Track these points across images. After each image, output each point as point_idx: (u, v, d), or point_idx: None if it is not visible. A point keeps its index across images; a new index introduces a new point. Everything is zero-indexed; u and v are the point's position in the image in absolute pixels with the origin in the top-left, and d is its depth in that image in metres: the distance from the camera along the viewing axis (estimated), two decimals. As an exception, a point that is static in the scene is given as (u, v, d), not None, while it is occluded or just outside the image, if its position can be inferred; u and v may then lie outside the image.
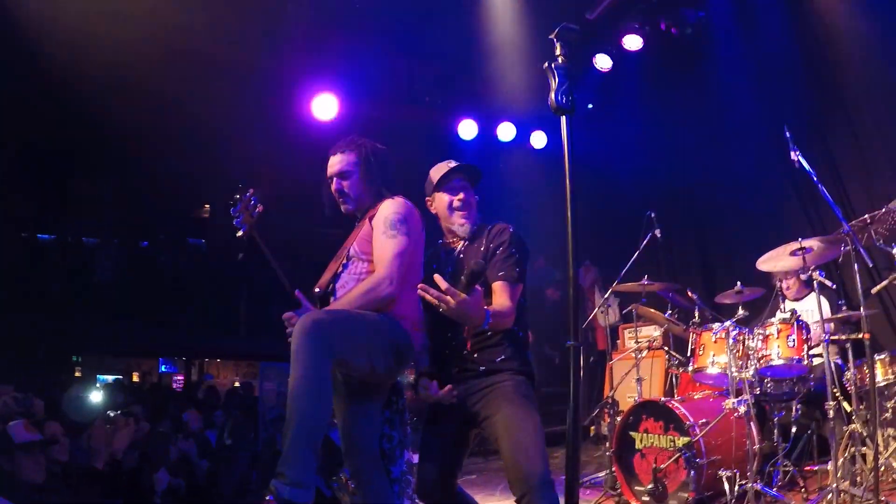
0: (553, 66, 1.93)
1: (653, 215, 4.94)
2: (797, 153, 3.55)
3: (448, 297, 2.12)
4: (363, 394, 2.59)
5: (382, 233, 2.49)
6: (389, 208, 2.55)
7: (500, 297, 2.41)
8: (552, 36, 2.02)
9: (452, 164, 2.68)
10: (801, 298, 4.69)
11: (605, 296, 4.99)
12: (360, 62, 6.54)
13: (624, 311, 5.39)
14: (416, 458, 2.80)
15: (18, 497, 2.95)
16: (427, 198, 2.74)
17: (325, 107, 6.55)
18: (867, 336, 3.41)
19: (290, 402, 2.11)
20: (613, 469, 4.15)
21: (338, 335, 2.21)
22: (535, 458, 2.22)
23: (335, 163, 2.68)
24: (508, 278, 2.43)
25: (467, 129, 7.33)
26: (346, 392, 2.57)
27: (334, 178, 2.68)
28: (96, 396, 4.34)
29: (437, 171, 2.68)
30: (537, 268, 7.39)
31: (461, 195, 2.63)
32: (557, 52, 1.98)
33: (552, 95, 1.90)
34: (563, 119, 1.88)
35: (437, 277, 2.18)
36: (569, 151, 1.83)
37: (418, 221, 2.59)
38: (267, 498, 2.00)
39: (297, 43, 6.51)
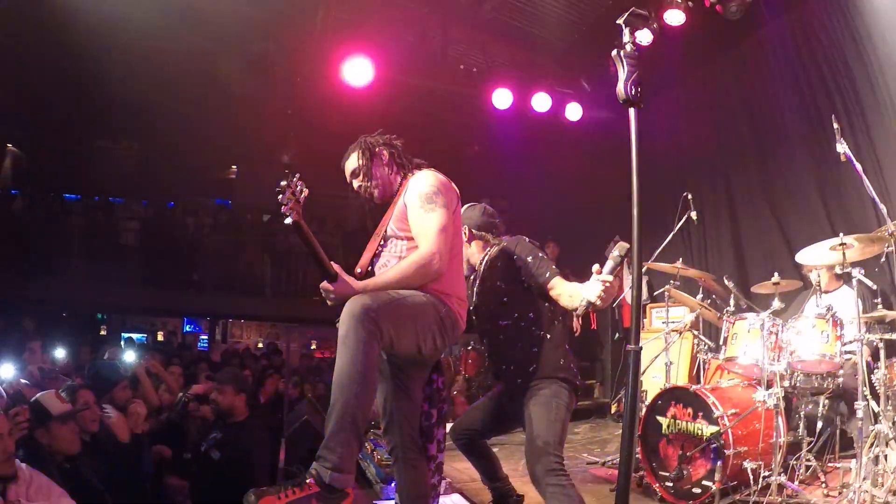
0: (622, 53, 1.86)
1: (689, 197, 4.84)
2: (844, 145, 3.44)
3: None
4: (406, 372, 2.59)
5: (420, 207, 2.42)
6: (421, 182, 2.49)
7: (564, 285, 2.70)
8: (620, 21, 1.94)
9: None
10: (832, 291, 4.62)
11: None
12: (395, 27, 6.40)
13: (656, 293, 5.33)
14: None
15: (52, 469, 2.98)
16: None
17: (358, 72, 6.44)
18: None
19: (336, 387, 2.09)
20: (637, 451, 4.15)
21: (386, 320, 2.18)
22: (539, 450, 2.52)
23: (346, 168, 2.69)
24: (555, 272, 2.75)
25: (502, 98, 7.18)
26: (389, 370, 2.57)
27: (352, 181, 2.67)
28: (129, 356, 4.39)
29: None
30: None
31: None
32: (626, 38, 1.90)
33: (620, 86, 1.82)
34: (631, 111, 1.81)
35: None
36: (636, 146, 1.77)
37: (452, 191, 2.54)
38: (307, 481, 2.00)
39: (329, 5, 6.40)
